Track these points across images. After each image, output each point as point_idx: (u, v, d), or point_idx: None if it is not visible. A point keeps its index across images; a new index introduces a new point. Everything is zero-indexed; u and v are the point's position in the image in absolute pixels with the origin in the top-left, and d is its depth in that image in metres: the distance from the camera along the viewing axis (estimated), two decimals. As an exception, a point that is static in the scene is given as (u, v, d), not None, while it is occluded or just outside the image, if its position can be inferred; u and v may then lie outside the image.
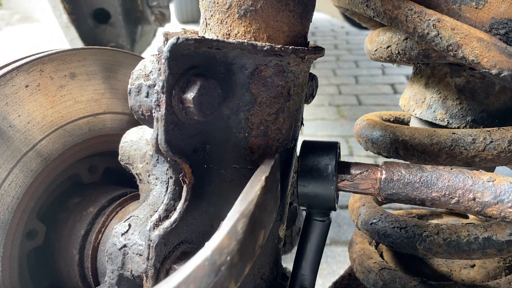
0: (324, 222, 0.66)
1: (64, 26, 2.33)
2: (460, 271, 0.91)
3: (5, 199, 0.77)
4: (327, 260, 2.00)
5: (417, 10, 0.65)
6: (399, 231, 0.80)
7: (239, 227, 0.44)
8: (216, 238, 0.42)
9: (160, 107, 0.51)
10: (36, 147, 0.81)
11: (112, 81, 0.94)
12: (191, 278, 0.37)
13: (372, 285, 0.86)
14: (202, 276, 0.38)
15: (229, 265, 0.40)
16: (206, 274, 0.38)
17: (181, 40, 0.50)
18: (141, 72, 0.60)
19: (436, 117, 0.82)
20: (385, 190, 0.61)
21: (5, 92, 0.78)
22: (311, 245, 0.67)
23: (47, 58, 0.84)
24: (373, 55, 0.86)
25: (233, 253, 0.41)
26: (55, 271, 0.90)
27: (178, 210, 0.58)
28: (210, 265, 0.39)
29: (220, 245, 0.41)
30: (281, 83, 0.59)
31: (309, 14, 0.62)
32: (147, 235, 0.57)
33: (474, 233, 0.75)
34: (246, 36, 0.57)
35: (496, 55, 0.63)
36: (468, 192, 0.58)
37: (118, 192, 0.93)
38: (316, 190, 0.62)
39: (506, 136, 0.71)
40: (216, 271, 0.39)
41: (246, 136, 0.60)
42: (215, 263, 0.39)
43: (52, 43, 2.39)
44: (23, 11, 6.19)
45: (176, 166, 0.56)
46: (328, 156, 0.62)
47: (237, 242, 0.42)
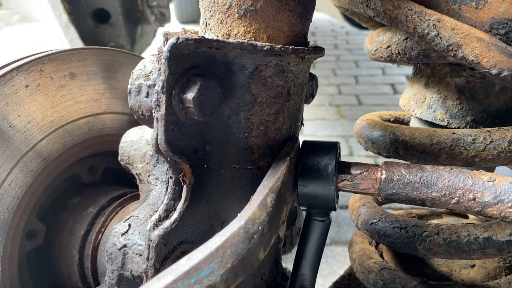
0: (324, 222, 0.66)
1: (64, 26, 2.33)
2: (460, 271, 0.91)
3: (5, 199, 0.77)
4: (327, 260, 2.00)
5: (417, 10, 0.65)
6: (399, 231, 0.80)
7: (269, 200, 0.49)
8: (248, 209, 0.46)
9: (160, 107, 0.51)
10: (36, 147, 0.81)
11: (112, 81, 0.94)
12: (228, 243, 0.41)
13: (372, 285, 0.86)
14: (237, 242, 0.42)
15: (260, 234, 0.45)
16: (241, 241, 0.42)
17: (181, 40, 0.50)
18: (141, 72, 0.60)
19: (436, 117, 0.82)
20: (385, 190, 0.61)
21: (5, 92, 0.78)
22: (311, 245, 0.67)
23: (47, 58, 0.84)
24: (373, 55, 0.86)
25: (263, 224, 0.46)
26: (55, 271, 0.90)
27: (178, 210, 0.58)
28: (244, 233, 0.43)
29: (252, 215, 0.45)
30: (281, 83, 0.59)
31: (309, 14, 0.62)
32: (147, 235, 0.57)
33: (474, 233, 0.75)
34: (246, 36, 0.57)
35: (496, 55, 0.63)
36: (468, 192, 0.58)
37: (118, 192, 0.93)
38: (316, 190, 0.61)
39: (506, 136, 0.71)
40: (250, 238, 0.43)
41: (246, 136, 0.60)
42: (249, 231, 0.44)
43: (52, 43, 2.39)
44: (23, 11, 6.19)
45: (176, 166, 0.56)
46: (328, 156, 0.62)
47: (267, 213, 0.47)
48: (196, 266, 0.38)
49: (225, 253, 0.41)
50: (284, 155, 0.59)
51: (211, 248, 0.40)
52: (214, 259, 0.40)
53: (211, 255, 0.40)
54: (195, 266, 0.38)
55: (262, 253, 0.45)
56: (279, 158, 0.59)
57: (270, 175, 0.54)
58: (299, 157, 0.63)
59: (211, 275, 0.39)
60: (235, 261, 0.41)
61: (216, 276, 0.39)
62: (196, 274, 0.38)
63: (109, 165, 1.00)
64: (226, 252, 0.41)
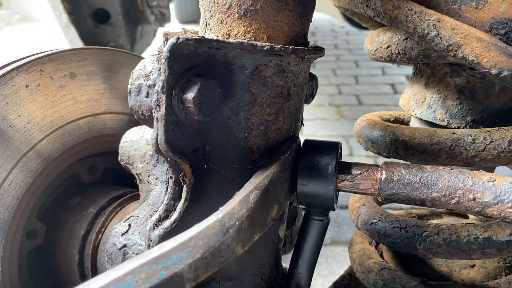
0: (322, 221, 0.66)
1: (64, 26, 2.33)
2: (460, 271, 0.91)
3: (5, 199, 0.77)
4: (327, 260, 2.00)
5: (417, 10, 0.65)
6: (399, 231, 0.80)
7: (251, 197, 0.49)
8: (229, 204, 0.47)
9: (160, 107, 0.51)
10: (36, 147, 0.81)
11: (112, 81, 0.94)
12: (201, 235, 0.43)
13: (372, 285, 0.86)
14: (211, 234, 0.43)
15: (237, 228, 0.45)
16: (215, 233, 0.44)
17: (181, 40, 0.50)
18: (141, 72, 0.60)
19: (436, 117, 0.82)
20: (385, 190, 0.61)
21: (5, 92, 0.78)
22: (308, 244, 0.67)
23: (47, 58, 0.84)
24: (373, 55, 0.86)
25: (242, 219, 0.46)
26: (55, 271, 0.90)
27: (178, 210, 0.58)
28: (219, 226, 0.44)
29: (231, 210, 0.46)
30: (281, 83, 0.59)
31: (309, 14, 0.62)
32: (147, 235, 0.57)
33: (474, 233, 0.75)
34: (246, 36, 0.57)
35: (496, 55, 0.63)
36: (468, 192, 0.58)
37: (118, 192, 0.93)
38: (315, 189, 0.61)
39: (506, 136, 0.71)
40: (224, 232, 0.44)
41: (246, 136, 0.60)
42: (224, 225, 0.45)
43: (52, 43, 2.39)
44: (23, 11, 6.19)
45: (176, 166, 0.56)
46: (329, 156, 0.61)
47: (247, 210, 0.48)
48: (166, 253, 0.40)
49: (197, 244, 0.42)
50: (279, 154, 0.60)
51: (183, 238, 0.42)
52: (184, 248, 0.41)
53: (182, 244, 0.41)
54: (165, 253, 0.40)
55: (240, 248, 0.46)
56: (272, 157, 0.59)
57: (259, 173, 0.54)
58: (300, 155, 0.63)
59: (179, 263, 0.40)
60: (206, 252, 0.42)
61: (184, 264, 0.40)
62: (164, 260, 0.40)
63: (109, 165, 1.00)
64: (197, 243, 0.42)
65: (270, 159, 0.58)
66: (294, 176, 0.62)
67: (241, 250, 0.46)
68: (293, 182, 0.62)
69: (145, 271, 0.39)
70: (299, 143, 0.65)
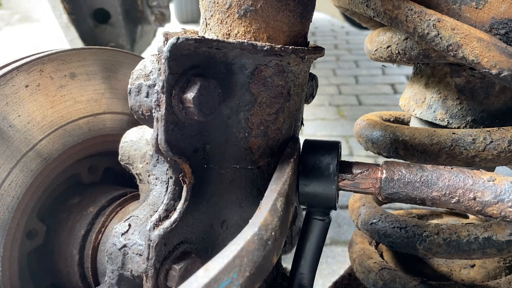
0: (324, 221, 0.66)
1: (64, 26, 2.33)
2: (460, 271, 0.91)
3: (5, 199, 0.77)
4: (327, 260, 2.00)
5: (417, 10, 0.65)
6: (399, 231, 0.80)
7: (278, 205, 0.49)
8: (260, 215, 0.46)
9: (160, 107, 0.51)
10: (36, 147, 0.81)
11: (112, 81, 0.94)
12: (244, 252, 0.42)
13: (372, 285, 0.86)
14: (253, 249, 0.42)
15: (273, 239, 0.45)
16: (256, 248, 0.43)
17: (181, 40, 0.50)
18: (141, 72, 0.60)
19: (436, 117, 0.82)
20: (385, 189, 0.61)
21: (5, 92, 0.78)
22: (310, 244, 0.67)
23: (47, 58, 0.84)
24: (373, 55, 0.86)
25: (276, 229, 0.46)
26: (55, 271, 0.90)
27: (178, 210, 0.58)
28: (259, 240, 0.43)
29: (265, 221, 0.45)
30: (281, 83, 0.59)
31: (309, 14, 0.62)
32: (147, 235, 0.57)
33: (474, 233, 0.75)
34: (246, 36, 0.57)
35: (496, 55, 0.63)
36: (469, 192, 0.58)
37: (118, 192, 0.93)
38: (317, 189, 0.61)
39: (506, 136, 0.71)
40: (264, 245, 0.43)
41: (246, 136, 0.60)
42: (263, 238, 0.44)
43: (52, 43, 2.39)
44: (23, 11, 6.19)
45: (176, 166, 0.56)
46: (330, 155, 0.61)
47: (278, 218, 0.47)
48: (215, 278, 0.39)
49: (242, 262, 0.41)
50: (288, 156, 0.59)
51: (228, 258, 0.40)
52: (232, 269, 0.40)
53: (229, 265, 0.40)
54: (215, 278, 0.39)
55: (275, 257, 0.46)
56: (283, 160, 0.59)
57: (277, 178, 0.54)
58: (301, 156, 0.63)
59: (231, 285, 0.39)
60: (253, 269, 0.41)
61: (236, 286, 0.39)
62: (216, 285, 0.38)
63: (109, 165, 1.00)
64: (243, 260, 0.41)
65: (282, 163, 0.58)
66: (297, 177, 0.62)
67: (276, 260, 0.46)
68: (297, 183, 0.62)
69: None
70: (299, 142, 0.65)
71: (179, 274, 0.57)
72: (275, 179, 0.54)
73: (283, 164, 0.57)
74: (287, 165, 0.56)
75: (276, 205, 0.48)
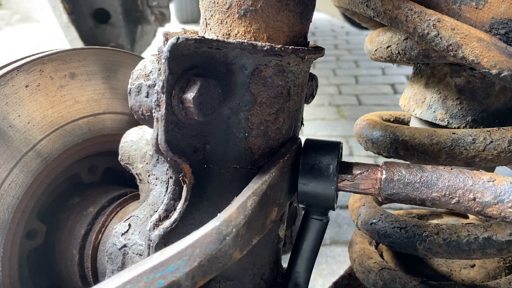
0: (322, 221, 0.66)
1: (64, 26, 2.33)
2: (460, 271, 0.91)
3: (5, 199, 0.77)
4: (327, 260, 2.00)
5: (417, 10, 0.65)
6: (399, 231, 0.80)
7: (249, 203, 0.50)
8: (227, 211, 0.47)
9: (160, 107, 0.51)
10: (36, 147, 0.81)
11: (112, 81, 0.94)
12: (198, 243, 0.43)
13: (372, 285, 0.86)
14: (208, 242, 0.44)
15: (234, 235, 0.46)
16: (212, 241, 0.44)
17: (181, 40, 0.50)
18: (141, 72, 0.60)
19: (436, 117, 0.82)
20: (385, 190, 0.61)
21: (5, 92, 0.78)
22: (307, 243, 0.67)
23: (47, 58, 0.84)
24: (373, 55, 0.86)
25: (239, 226, 0.47)
26: (55, 271, 0.90)
27: (178, 210, 0.58)
28: (216, 234, 0.45)
29: (228, 217, 0.47)
30: (281, 83, 0.59)
31: (309, 14, 0.62)
32: (147, 235, 0.57)
33: (474, 233, 0.75)
34: (246, 36, 0.57)
35: (496, 55, 0.63)
36: (469, 192, 0.58)
37: (118, 192, 0.93)
38: (316, 189, 0.61)
39: (506, 136, 0.70)
40: (221, 239, 0.45)
41: (246, 136, 0.60)
42: (221, 233, 0.45)
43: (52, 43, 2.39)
44: (23, 11, 6.19)
45: (176, 166, 0.56)
46: (331, 155, 0.61)
47: (245, 216, 0.48)
48: (164, 262, 0.41)
49: (194, 252, 0.43)
50: (278, 157, 0.60)
51: (181, 246, 0.43)
52: (182, 257, 0.42)
53: (180, 253, 0.42)
54: (163, 262, 0.41)
55: (238, 253, 0.47)
56: (272, 160, 0.59)
57: (258, 178, 0.55)
58: (301, 155, 0.63)
59: (176, 271, 0.41)
60: (203, 260, 0.43)
61: (181, 273, 0.41)
62: (162, 269, 0.41)
63: (109, 165, 1.00)
64: (195, 251, 0.43)
65: (270, 163, 0.58)
66: (295, 177, 0.62)
67: (239, 255, 0.47)
68: (294, 182, 0.62)
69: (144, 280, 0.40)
70: (300, 143, 0.65)
71: (179, 274, 0.57)
72: (256, 178, 0.55)
73: (270, 164, 0.58)
74: (273, 165, 0.57)
75: (246, 203, 0.50)
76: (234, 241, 0.46)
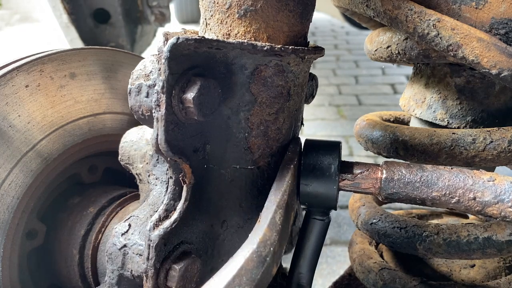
0: (323, 221, 0.66)
1: (64, 26, 2.33)
2: (460, 271, 0.91)
3: (5, 199, 0.77)
4: (327, 260, 2.00)
5: (417, 10, 0.65)
6: (399, 231, 0.80)
7: (277, 218, 0.50)
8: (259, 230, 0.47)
9: (160, 107, 0.51)
10: (36, 147, 0.81)
11: (112, 81, 0.94)
12: (243, 271, 0.43)
13: (372, 285, 0.86)
14: (252, 268, 0.44)
15: (272, 254, 0.46)
16: (255, 266, 0.44)
17: (181, 40, 0.50)
18: (141, 72, 0.60)
19: (436, 117, 0.82)
20: (385, 189, 0.61)
21: (5, 92, 0.78)
22: (309, 243, 0.67)
23: (47, 58, 0.84)
24: (373, 55, 0.86)
25: (274, 243, 0.47)
26: (55, 271, 0.90)
27: (178, 210, 0.58)
28: (257, 257, 0.45)
29: (263, 237, 0.46)
30: (281, 83, 0.59)
31: (309, 14, 0.62)
32: (147, 235, 0.57)
33: (474, 233, 0.75)
34: (246, 36, 0.57)
35: (496, 55, 0.63)
36: (469, 192, 0.58)
37: (118, 192, 0.93)
38: (318, 189, 0.61)
39: (506, 136, 0.70)
40: (263, 262, 0.45)
41: (246, 136, 0.60)
42: (261, 255, 0.45)
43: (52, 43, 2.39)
44: (23, 11, 6.19)
45: (176, 166, 0.56)
46: (331, 155, 0.61)
47: (277, 232, 0.48)
48: None
49: (241, 281, 0.42)
50: (288, 162, 0.59)
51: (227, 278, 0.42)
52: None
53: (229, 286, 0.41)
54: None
55: (275, 269, 0.47)
56: (283, 166, 0.59)
57: (277, 188, 0.54)
58: (302, 156, 0.63)
59: None
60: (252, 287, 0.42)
61: None
62: None
63: (109, 165, 1.00)
64: (242, 280, 0.42)
65: (282, 169, 0.58)
66: (299, 178, 0.62)
67: (275, 271, 0.47)
68: (298, 184, 0.62)
69: None
70: (300, 144, 0.65)
71: (179, 274, 0.57)
72: (274, 188, 0.54)
73: (283, 171, 0.58)
74: (287, 172, 0.57)
75: (275, 219, 0.49)
76: (272, 259, 0.46)
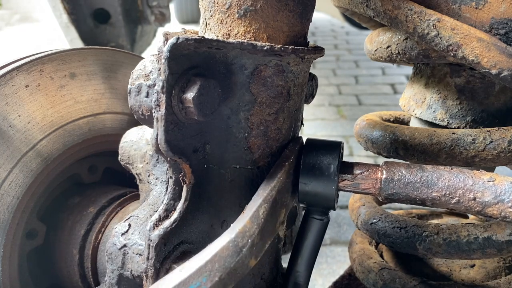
0: (322, 220, 0.66)
1: (64, 26, 2.33)
2: (460, 271, 0.91)
3: (5, 199, 0.77)
4: (327, 260, 2.00)
5: (417, 10, 0.65)
6: (399, 231, 0.80)
7: (261, 212, 0.50)
8: (240, 221, 0.48)
9: (160, 107, 0.51)
10: (36, 147, 0.81)
11: (112, 81, 0.94)
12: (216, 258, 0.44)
13: (372, 285, 0.86)
14: (226, 256, 0.45)
15: (250, 245, 0.47)
16: (230, 254, 0.45)
17: (181, 40, 0.50)
18: (141, 72, 0.60)
19: (436, 117, 0.82)
20: (385, 190, 0.61)
21: (5, 92, 0.78)
22: (308, 242, 0.67)
23: (47, 58, 0.84)
24: (373, 55, 0.86)
25: (253, 236, 0.48)
26: (55, 271, 0.90)
27: (178, 210, 0.58)
28: (233, 247, 0.46)
29: (243, 228, 0.47)
30: (281, 83, 0.59)
31: (309, 14, 0.62)
32: (147, 235, 0.57)
33: (474, 233, 0.75)
34: (246, 36, 0.57)
35: (496, 55, 0.63)
36: (469, 192, 0.58)
37: (118, 192, 0.93)
38: (317, 188, 0.61)
39: (506, 136, 0.70)
40: (238, 252, 0.45)
41: (246, 136, 0.60)
42: (238, 245, 0.46)
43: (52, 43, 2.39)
44: (23, 11, 6.19)
45: (176, 166, 0.56)
46: (332, 155, 0.61)
47: (258, 225, 0.49)
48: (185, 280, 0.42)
49: (213, 267, 0.43)
50: (283, 159, 0.60)
51: (200, 262, 0.43)
52: (202, 273, 0.43)
53: (200, 269, 0.43)
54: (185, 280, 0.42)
55: (254, 261, 0.48)
56: (278, 163, 0.59)
57: (266, 184, 0.55)
58: (302, 154, 0.63)
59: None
60: (223, 274, 0.44)
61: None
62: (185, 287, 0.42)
63: (109, 165, 1.00)
64: (214, 266, 0.43)
65: (276, 166, 0.58)
66: (297, 176, 0.62)
67: (254, 263, 0.48)
68: (296, 182, 0.62)
69: None
70: (302, 142, 0.65)
71: (179, 274, 0.57)
72: (264, 184, 0.55)
73: (276, 167, 0.58)
74: (280, 169, 0.57)
75: (258, 212, 0.50)
76: (250, 251, 0.46)
